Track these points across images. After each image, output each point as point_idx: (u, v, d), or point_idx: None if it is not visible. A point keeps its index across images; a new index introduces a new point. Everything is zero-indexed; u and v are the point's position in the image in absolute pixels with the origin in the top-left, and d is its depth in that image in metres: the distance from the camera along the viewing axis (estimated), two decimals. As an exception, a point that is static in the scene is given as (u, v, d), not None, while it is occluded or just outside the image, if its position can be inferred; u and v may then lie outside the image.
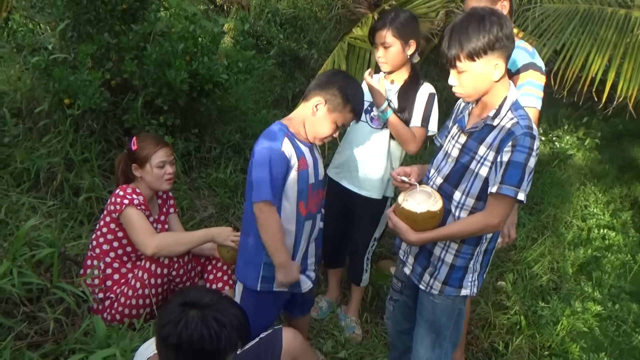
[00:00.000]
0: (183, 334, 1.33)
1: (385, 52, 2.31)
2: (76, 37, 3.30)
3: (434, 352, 1.90)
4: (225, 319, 1.39)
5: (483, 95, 1.68)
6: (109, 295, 2.25)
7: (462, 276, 1.79)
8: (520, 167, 1.57)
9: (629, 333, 3.09)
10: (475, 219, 1.67)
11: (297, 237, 1.96)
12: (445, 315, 1.86)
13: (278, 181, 1.83)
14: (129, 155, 2.38)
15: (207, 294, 1.45)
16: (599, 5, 3.33)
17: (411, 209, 1.68)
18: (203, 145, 3.78)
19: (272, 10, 5.96)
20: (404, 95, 2.37)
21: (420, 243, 1.74)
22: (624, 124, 7.95)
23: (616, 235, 4.21)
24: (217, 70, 3.30)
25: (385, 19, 2.31)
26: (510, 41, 1.60)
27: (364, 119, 2.44)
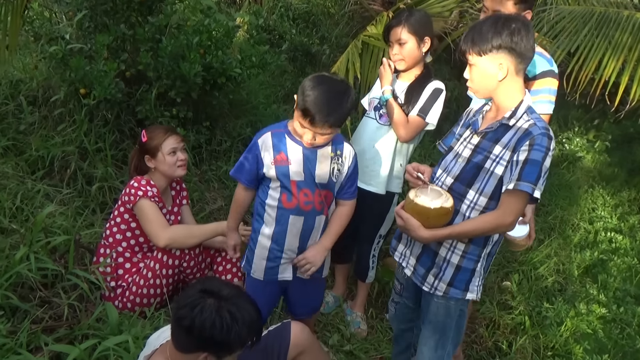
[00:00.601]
0: (197, 319, 1.39)
1: (401, 48, 2.35)
2: (93, 27, 3.34)
3: (436, 353, 1.92)
4: (239, 314, 1.44)
5: (491, 95, 1.75)
6: (121, 283, 2.30)
7: (469, 279, 1.80)
8: (538, 165, 1.60)
9: (633, 336, 3.09)
10: (489, 217, 1.69)
11: (281, 228, 2.00)
12: (448, 316, 1.88)
13: (244, 163, 2.02)
14: (140, 148, 2.42)
15: (227, 287, 1.50)
16: (615, 8, 3.32)
17: (425, 204, 1.69)
18: (214, 138, 3.82)
19: (285, 5, 5.98)
20: (411, 91, 2.41)
21: (433, 240, 1.75)
22: (635, 127, 7.90)
23: (623, 239, 4.20)
24: (230, 64, 3.33)
25: (400, 17, 2.36)
26: (523, 47, 1.64)
27: (372, 116, 2.50)
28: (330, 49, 5.39)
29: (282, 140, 1.97)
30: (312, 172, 1.97)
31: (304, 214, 2.00)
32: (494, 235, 1.79)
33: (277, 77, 5.57)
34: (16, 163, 2.92)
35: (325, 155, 1.98)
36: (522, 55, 1.66)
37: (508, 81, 1.69)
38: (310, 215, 2.01)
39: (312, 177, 1.97)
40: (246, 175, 2.02)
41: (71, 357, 1.70)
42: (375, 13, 3.99)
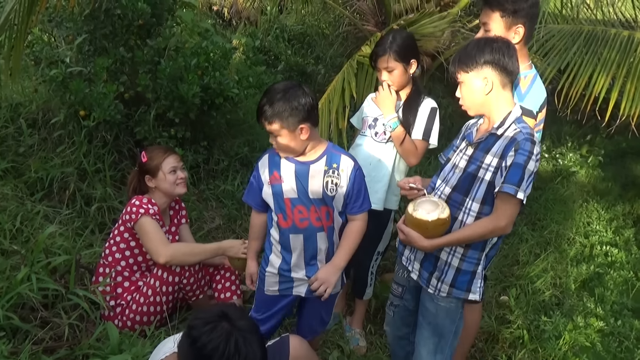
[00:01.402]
0: (204, 336, 1.41)
1: (390, 75, 2.41)
2: (92, 50, 3.41)
3: (435, 357, 1.97)
4: (244, 349, 1.44)
5: (481, 110, 1.86)
6: (120, 302, 2.31)
7: (470, 280, 1.88)
8: (520, 168, 1.71)
9: (631, 349, 3.10)
10: (484, 222, 1.79)
11: (286, 248, 2.05)
12: (448, 318, 1.94)
13: (251, 187, 2.09)
14: (140, 169, 2.45)
15: (245, 320, 1.52)
16: (603, 26, 3.42)
17: (422, 217, 1.78)
18: (211, 157, 3.86)
19: (280, 26, 6.10)
20: (407, 110, 2.47)
21: (433, 249, 1.85)
22: (627, 142, 8.00)
23: (619, 252, 4.23)
24: (228, 85, 3.39)
25: (384, 44, 2.39)
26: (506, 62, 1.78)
27: (369, 134, 2.53)
28: (325, 69, 5.48)
29: (277, 159, 2.01)
30: (305, 188, 1.98)
31: (301, 232, 2.01)
32: (492, 239, 1.87)
33: (274, 97, 5.64)
34: (15, 185, 2.95)
35: (318, 170, 1.99)
36: (506, 70, 1.79)
37: (495, 94, 1.81)
38: (308, 232, 2.02)
39: (305, 193, 1.98)
40: (254, 198, 2.09)
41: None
42: (369, 33, 4.08)
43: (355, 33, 4.91)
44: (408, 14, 3.46)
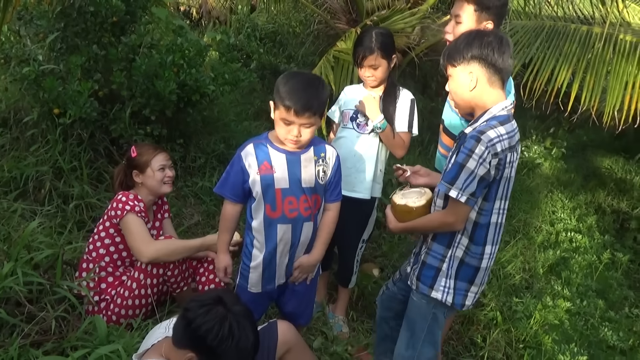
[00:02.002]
0: (199, 317, 1.46)
1: (374, 71, 2.50)
2: (65, 48, 3.37)
3: (407, 352, 2.00)
4: (237, 333, 1.50)
5: (469, 107, 1.83)
6: (104, 297, 2.31)
7: (434, 276, 1.88)
8: (458, 166, 1.71)
9: (596, 327, 3.29)
10: (435, 215, 1.87)
11: (271, 238, 2.05)
12: (419, 315, 1.96)
13: (229, 178, 2.05)
14: (128, 163, 2.46)
15: (240, 305, 1.58)
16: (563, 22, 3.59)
17: (395, 200, 1.97)
18: (188, 155, 3.87)
19: (251, 25, 6.13)
20: (387, 103, 2.56)
21: (398, 231, 2.05)
22: (588, 135, 8.39)
23: (582, 238, 4.45)
24: (204, 82, 3.41)
25: (370, 43, 2.45)
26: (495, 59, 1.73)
27: (351, 126, 2.61)
28: (298, 67, 5.54)
29: (265, 149, 2.00)
30: (298, 177, 2.01)
31: (290, 222, 2.04)
32: (461, 238, 1.83)
33: (247, 96, 5.67)
34: (-12, 184, 2.90)
35: (309, 159, 2.04)
36: (494, 66, 1.73)
37: (479, 92, 1.76)
38: (296, 222, 2.05)
39: (298, 183, 2.01)
40: (231, 189, 2.04)
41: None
42: (341, 31, 4.16)
43: (327, 31, 4.99)
44: (380, 11, 3.55)
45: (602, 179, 6.71)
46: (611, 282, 3.99)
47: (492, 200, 1.78)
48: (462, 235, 1.83)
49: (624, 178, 6.79)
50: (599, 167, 7.20)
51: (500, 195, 1.79)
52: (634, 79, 3.26)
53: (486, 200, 1.77)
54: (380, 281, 3.15)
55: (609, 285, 3.95)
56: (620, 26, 3.54)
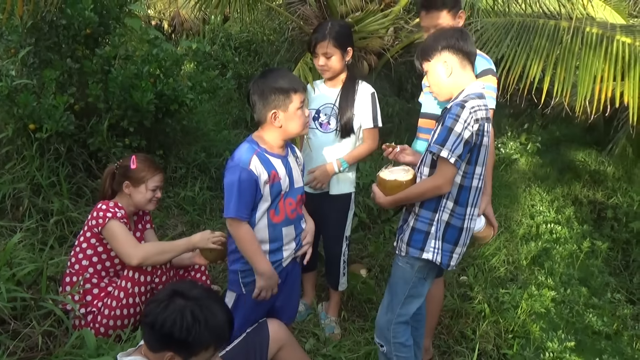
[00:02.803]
0: (159, 316, 1.44)
1: (327, 60, 2.49)
2: (37, 63, 3.32)
3: (386, 316, 2.12)
4: (202, 315, 1.48)
5: (449, 94, 2.00)
6: (91, 309, 2.26)
7: (424, 239, 2.00)
8: (446, 130, 1.85)
9: (581, 313, 3.35)
10: (424, 181, 1.99)
11: (277, 242, 2.06)
12: (402, 279, 2.08)
13: (246, 197, 1.94)
14: (123, 172, 2.41)
15: (197, 289, 1.55)
16: (532, 18, 3.69)
17: (384, 177, 2.06)
18: (169, 165, 3.84)
19: (225, 35, 6.14)
20: (345, 97, 2.56)
21: (389, 205, 2.07)
22: (560, 131, 8.61)
23: (562, 229, 4.54)
24: (182, 91, 3.40)
25: (323, 31, 2.47)
26: (461, 45, 1.94)
27: (314, 126, 2.60)
28: (274, 75, 5.54)
29: (265, 158, 1.98)
30: (293, 179, 2.08)
31: (292, 222, 2.09)
32: (446, 202, 1.97)
33: (224, 105, 5.67)
34: (-37, 204, 2.83)
35: (293, 160, 2.12)
36: (463, 51, 1.94)
37: (455, 76, 1.96)
38: (297, 221, 2.12)
39: (293, 184, 2.08)
40: (247, 208, 1.96)
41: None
42: (315, 36, 4.19)
43: (301, 37, 5.02)
44: (353, 13, 3.60)
45: (577, 172, 6.87)
46: (592, 269, 4.07)
47: (474, 164, 1.94)
48: (447, 200, 1.97)
49: (597, 169, 6.96)
50: (573, 160, 7.38)
51: (480, 161, 1.95)
52: (602, 70, 3.36)
53: (469, 164, 1.93)
54: (369, 280, 3.16)
55: (590, 273, 4.03)
56: (586, 20, 3.65)
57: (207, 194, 3.80)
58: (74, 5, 3.13)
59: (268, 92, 1.95)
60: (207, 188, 3.87)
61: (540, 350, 2.77)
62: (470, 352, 2.68)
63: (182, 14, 7.22)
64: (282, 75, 2.00)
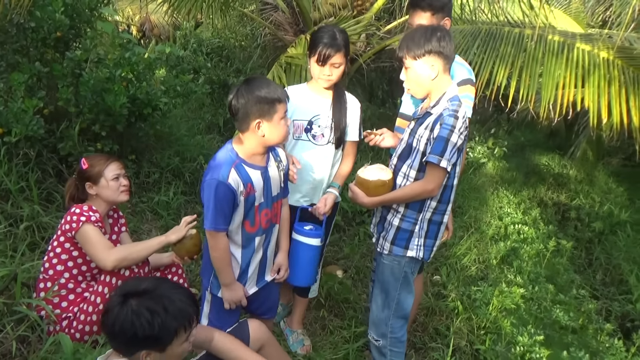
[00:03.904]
0: (116, 324, 1.44)
1: (336, 70, 2.38)
2: (4, 66, 3.25)
3: (383, 312, 2.19)
4: (158, 306, 1.47)
5: (428, 93, 2.06)
6: (67, 315, 2.22)
7: (408, 238, 2.10)
8: (443, 140, 1.93)
9: (549, 309, 3.48)
10: (415, 185, 2.04)
11: (248, 250, 2.09)
12: (392, 276, 2.16)
13: (224, 210, 1.94)
14: (79, 176, 2.38)
15: (145, 282, 1.55)
16: (498, 25, 3.83)
17: (366, 177, 2.07)
18: (141, 170, 3.80)
19: (197, 41, 6.11)
20: (338, 107, 2.46)
21: (372, 205, 2.11)
22: (525, 136, 8.92)
23: (529, 229, 4.70)
24: (155, 95, 3.38)
25: (336, 40, 2.33)
26: (448, 50, 2.00)
27: (306, 138, 2.47)
28: (247, 80, 5.55)
29: (244, 171, 1.97)
30: (270, 190, 2.07)
31: (265, 232, 2.11)
32: (430, 202, 2.06)
33: (197, 111, 5.64)
34: None
35: (274, 167, 2.09)
36: (448, 57, 2.01)
37: (439, 79, 2.02)
38: (269, 230, 2.13)
39: (270, 195, 2.07)
40: (225, 220, 1.96)
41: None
42: (288, 42, 4.24)
43: (274, 43, 5.06)
44: (326, 19, 3.66)
45: (542, 175, 7.13)
46: (558, 267, 4.23)
47: (456, 165, 2.04)
48: (431, 200, 2.06)
49: (561, 173, 7.24)
50: (538, 164, 7.65)
51: (459, 161, 2.08)
52: (564, 75, 3.52)
53: (454, 166, 2.01)
54: (345, 281, 3.20)
55: (556, 271, 4.19)
56: (548, 28, 3.82)
57: (181, 199, 3.77)
58: (43, 8, 3.08)
59: (253, 101, 1.90)
60: (181, 193, 3.84)
61: (511, 345, 2.86)
62: (445, 347, 2.74)
63: (152, 19, 7.15)
64: (266, 84, 1.96)
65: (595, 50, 3.52)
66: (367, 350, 2.71)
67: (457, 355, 2.79)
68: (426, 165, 1.99)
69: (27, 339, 2.05)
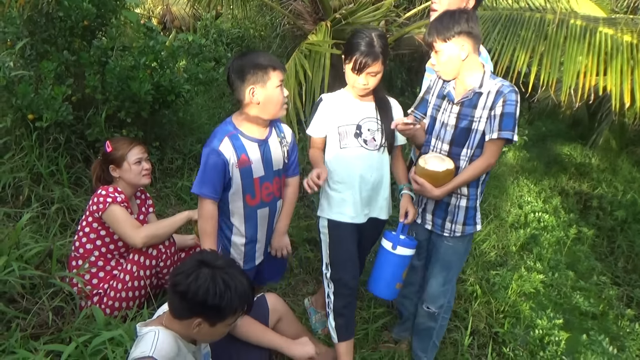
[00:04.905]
0: (192, 285, 1.52)
1: (373, 78, 2.20)
2: (34, 55, 3.36)
3: (444, 287, 2.34)
4: (232, 282, 1.58)
5: (457, 74, 2.09)
6: (97, 292, 2.32)
7: (474, 215, 2.21)
8: (512, 116, 1.99)
9: (569, 296, 3.47)
10: (479, 162, 2.08)
11: (252, 224, 2.14)
12: (456, 255, 2.29)
13: (212, 178, 1.99)
14: (104, 159, 2.47)
15: (221, 259, 1.64)
16: (518, 11, 3.81)
17: (434, 169, 2.08)
18: (165, 157, 3.89)
19: (217, 31, 6.19)
20: (385, 111, 2.30)
21: (443, 195, 2.13)
22: (546, 126, 8.80)
23: (549, 217, 4.68)
24: (179, 82, 3.45)
25: (373, 48, 2.14)
26: (476, 30, 2.03)
27: (357, 144, 2.26)
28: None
29: (239, 142, 2.03)
30: (271, 163, 2.12)
31: (267, 205, 2.16)
32: (482, 176, 2.15)
33: (217, 100, 5.73)
34: (-36, 193, 2.86)
35: (275, 141, 2.15)
36: (477, 36, 2.04)
37: (470, 59, 2.05)
38: (272, 203, 2.19)
39: (271, 168, 2.12)
40: (211, 187, 2.00)
41: (66, 353, 1.73)
42: (308, 31, 4.27)
43: (293, 32, 5.10)
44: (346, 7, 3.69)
45: (563, 165, 7.04)
46: (579, 255, 4.21)
47: None
48: None
49: (583, 162, 7.14)
50: (559, 154, 7.56)
51: None
52: (586, 60, 3.48)
53: None
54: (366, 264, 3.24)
55: (577, 258, 4.17)
56: (570, 13, 3.78)
57: (203, 185, 3.85)
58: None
59: (247, 69, 1.96)
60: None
61: (530, 328, 2.87)
62: (463, 329, 2.77)
63: (173, 11, 7.25)
64: (261, 54, 2.06)
65: (619, 34, 3.48)
66: (385, 330, 2.76)
67: (476, 337, 2.82)
68: (486, 142, 2.04)
69: (62, 311, 2.15)
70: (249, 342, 1.99)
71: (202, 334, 1.61)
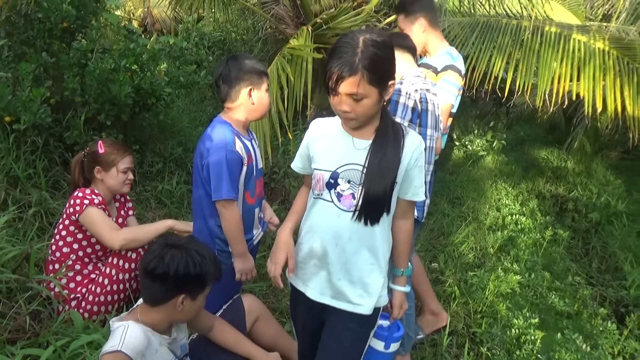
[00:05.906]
0: (171, 264, 1.58)
1: (355, 105, 1.47)
2: (12, 56, 3.32)
3: None
4: (203, 251, 1.68)
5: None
6: (75, 295, 2.30)
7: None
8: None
9: (545, 296, 3.55)
10: None
11: (249, 223, 2.16)
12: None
13: (236, 177, 1.99)
14: (91, 158, 2.43)
15: (183, 239, 1.72)
16: (495, 17, 3.90)
17: None
18: (145, 160, 3.87)
19: (199, 34, 6.17)
20: (375, 157, 1.54)
21: None
22: (524, 131, 8.98)
23: (526, 220, 4.77)
24: (159, 85, 3.44)
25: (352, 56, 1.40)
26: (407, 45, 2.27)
27: (328, 197, 1.58)
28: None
29: (242, 140, 2.06)
30: (259, 162, 2.19)
31: (259, 204, 2.22)
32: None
33: (198, 103, 5.71)
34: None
35: (256, 142, 2.23)
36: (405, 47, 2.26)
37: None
38: (260, 202, 2.25)
39: (259, 167, 2.19)
40: (237, 189, 2.00)
41: (44, 357, 1.72)
42: (289, 35, 4.30)
43: (275, 36, 5.12)
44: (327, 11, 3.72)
45: (540, 169, 7.18)
46: (555, 256, 4.30)
47: (425, 127, 2.26)
48: None
49: (559, 166, 7.30)
50: (537, 158, 7.71)
51: (430, 124, 2.26)
52: (560, 66, 3.58)
53: (420, 127, 2.23)
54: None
55: (553, 259, 4.26)
56: (546, 20, 3.89)
57: (184, 188, 3.84)
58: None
59: (246, 70, 2.02)
60: (184, 182, 3.91)
61: (507, 328, 2.93)
62: (442, 330, 2.82)
63: (155, 13, 7.20)
64: (251, 57, 2.12)
65: (591, 41, 3.58)
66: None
67: (454, 337, 2.86)
68: None
69: (39, 315, 2.12)
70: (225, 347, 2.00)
71: (185, 312, 1.67)
